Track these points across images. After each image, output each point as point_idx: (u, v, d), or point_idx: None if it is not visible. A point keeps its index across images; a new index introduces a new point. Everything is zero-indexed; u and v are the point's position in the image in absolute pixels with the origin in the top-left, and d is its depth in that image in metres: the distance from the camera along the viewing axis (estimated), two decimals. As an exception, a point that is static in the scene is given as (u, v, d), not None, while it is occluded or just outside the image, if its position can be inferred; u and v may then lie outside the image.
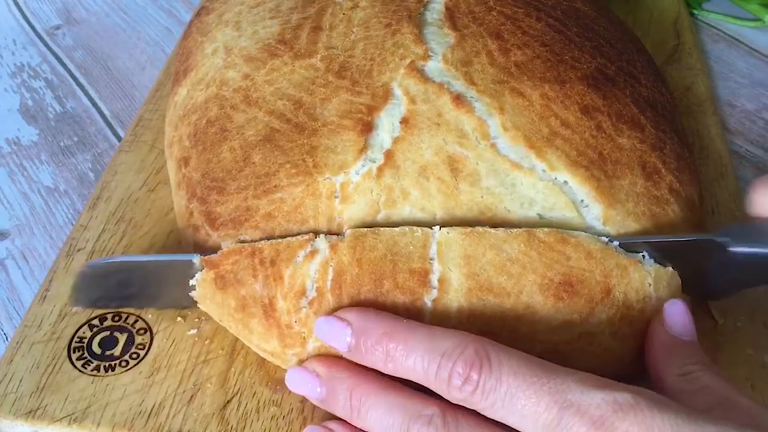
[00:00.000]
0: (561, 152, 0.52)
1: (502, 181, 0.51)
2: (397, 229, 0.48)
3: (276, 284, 0.49)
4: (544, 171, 0.51)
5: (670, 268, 0.49)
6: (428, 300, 0.47)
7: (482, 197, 0.50)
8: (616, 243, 0.48)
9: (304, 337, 0.49)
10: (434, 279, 0.47)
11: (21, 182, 0.74)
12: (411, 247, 0.47)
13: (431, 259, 0.47)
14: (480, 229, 0.47)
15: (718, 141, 0.71)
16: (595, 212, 0.51)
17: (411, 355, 0.43)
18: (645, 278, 0.48)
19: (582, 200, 0.51)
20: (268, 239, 0.51)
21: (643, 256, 0.49)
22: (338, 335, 0.46)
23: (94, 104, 0.82)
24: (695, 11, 0.91)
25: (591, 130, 0.53)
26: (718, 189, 0.66)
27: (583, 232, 0.48)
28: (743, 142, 0.75)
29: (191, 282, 0.52)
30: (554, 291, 0.46)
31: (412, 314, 0.47)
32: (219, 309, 0.52)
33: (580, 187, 0.51)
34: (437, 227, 0.48)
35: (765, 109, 0.78)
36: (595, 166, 0.52)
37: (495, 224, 0.49)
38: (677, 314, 0.47)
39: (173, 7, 0.97)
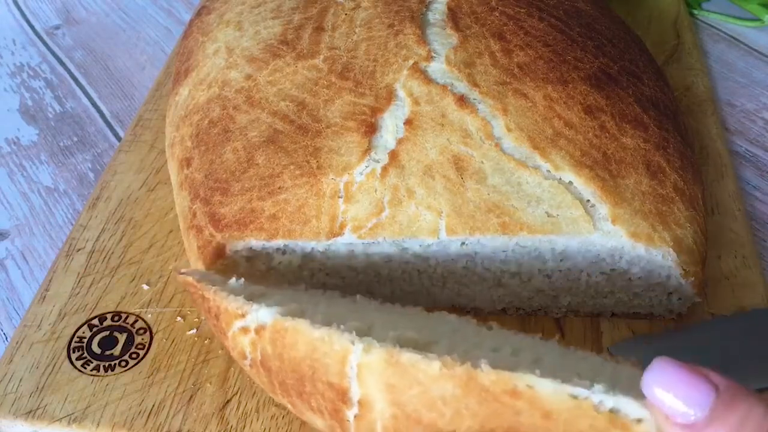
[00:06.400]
0: (565, 153, 0.52)
1: (508, 179, 0.51)
2: (316, 333, 0.41)
3: (222, 336, 0.47)
4: (548, 171, 0.51)
5: None
6: (350, 414, 0.41)
7: (489, 195, 0.50)
8: (610, 403, 0.36)
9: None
10: (354, 397, 0.40)
11: (21, 182, 0.73)
12: (328, 360, 0.41)
13: (350, 378, 0.40)
14: (405, 359, 0.38)
15: (718, 141, 0.71)
16: (602, 212, 0.51)
17: None
18: None
19: (588, 200, 0.51)
20: (267, 243, 0.51)
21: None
22: None
23: (94, 104, 0.82)
24: (695, 11, 0.91)
25: (594, 130, 0.53)
26: (718, 189, 0.66)
27: (549, 381, 0.37)
28: (743, 142, 0.75)
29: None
30: None
31: (337, 420, 0.42)
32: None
33: (585, 187, 0.51)
34: (360, 345, 0.40)
35: (765, 108, 0.78)
36: (600, 165, 0.52)
37: (505, 224, 0.49)
38: (674, 390, 0.35)
39: (173, 7, 0.96)
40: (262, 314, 0.43)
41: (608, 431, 0.36)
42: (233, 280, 0.47)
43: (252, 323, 0.43)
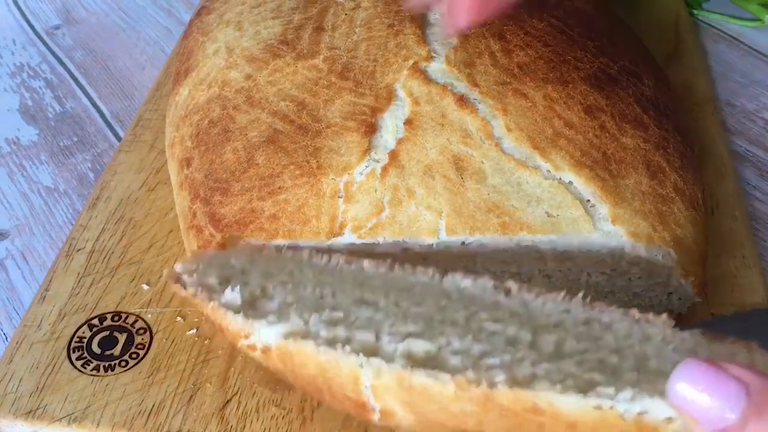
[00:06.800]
0: (565, 153, 0.52)
1: (508, 179, 0.51)
2: (323, 357, 0.39)
3: (234, 342, 0.45)
4: (548, 171, 0.51)
5: None
6: (375, 417, 0.41)
7: (489, 195, 0.50)
8: (636, 408, 0.34)
9: None
10: (375, 408, 0.40)
11: (21, 182, 0.73)
12: (341, 379, 0.40)
13: (366, 395, 0.39)
14: (418, 382, 0.37)
15: (719, 141, 0.71)
16: (602, 212, 0.51)
17: None
18: None
19: (588, 200, 0.51)
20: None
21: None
22: None
23: (94, 104, 0.82)
24: (695, 11, 0.91)
25: (595, 130, 0.54)
26: (718, 189, 0.66)
27: (571, 396, 0.35)
28: (743, 142, 0.75)
29: None
30: None
31: (364, 419, 0.42)
32: None
33: (585, 187, 0.51)
34: (369, 369, 0.39)
35: (765, 108, 0.78)
36: (600, 165, 0.52)
37: (505, 224, 0.49)
38: (702, 393, 0.33)
39: (173, 7, 0.96)
40: (264, 336, 0.41)
41: None
42: (229, 290, 0.44)
43: (257, 343, 0.42)
